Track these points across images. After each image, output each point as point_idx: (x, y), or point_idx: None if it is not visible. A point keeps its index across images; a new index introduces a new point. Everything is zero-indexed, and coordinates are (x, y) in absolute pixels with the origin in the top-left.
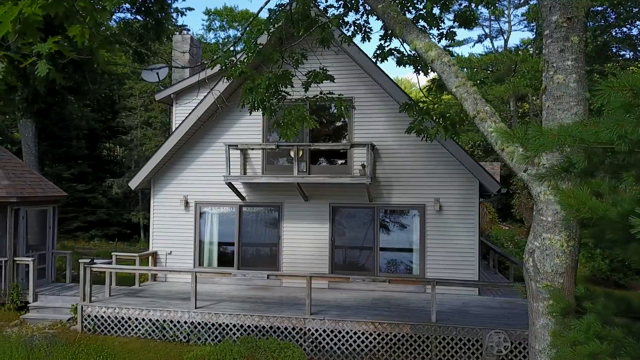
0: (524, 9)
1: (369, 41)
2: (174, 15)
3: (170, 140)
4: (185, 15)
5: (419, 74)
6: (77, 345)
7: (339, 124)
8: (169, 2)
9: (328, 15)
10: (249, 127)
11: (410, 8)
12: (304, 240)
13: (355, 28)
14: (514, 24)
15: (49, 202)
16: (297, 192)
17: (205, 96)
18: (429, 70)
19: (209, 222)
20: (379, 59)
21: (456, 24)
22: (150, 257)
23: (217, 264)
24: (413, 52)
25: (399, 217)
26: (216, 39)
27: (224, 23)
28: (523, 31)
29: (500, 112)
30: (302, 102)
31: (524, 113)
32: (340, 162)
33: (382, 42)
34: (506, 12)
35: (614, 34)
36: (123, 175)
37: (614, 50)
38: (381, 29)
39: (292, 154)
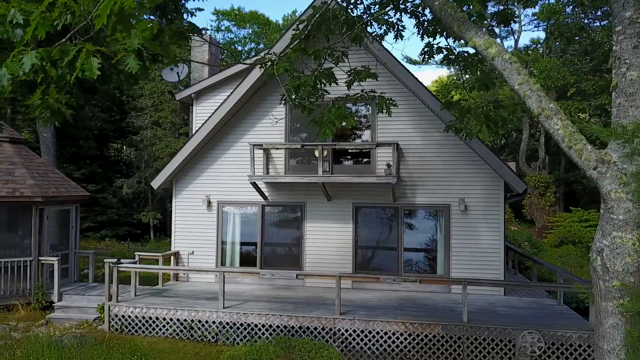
0: (533, 9)
1: (402, 39)
2: (184, 15)
3: (193, 139)
4: (195, 15)
5: (467, 72)
6: (107, 345)
7: (362, 123)
8: (182, 2)
9: (358, 13)
10: (271, 127)
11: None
12: (327, 240)
13: (388, 26)
14: (524, 24)
15: (72, 202)
16: (320, 191)
17: (230, 93)
18: (478, 70)
19: (231, 222)
20: (426, 57)
21: (494, 22)
22: (172, 257)
23: (239, 264)
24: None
25: (423, 216)
26: (224, 39)
27: (232, 24)
28: (533, 31)
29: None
30: (341, 101)
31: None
32: (363, 161)
33: (431, 40)
34: (517, 12)
35: None
36: (133, 175)
37: None
38: (414, 26)
39: (316, 153)
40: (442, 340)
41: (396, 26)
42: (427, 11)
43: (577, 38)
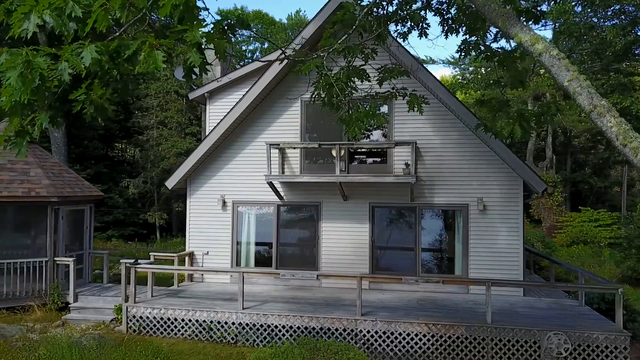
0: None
1: (426, 37)
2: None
3: (208, 138)
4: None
5: (503, 69)
6: (126, 346)
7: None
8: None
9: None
10: (286, 126)
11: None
12: (343, 240)
13: (413, 24)
14: (530, 23)
15: (86, 202)
16: (336, 191)
17: (246, 92)
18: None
19: (246, 222)
20: (463, 54)
21: (523, 18)
22: (187, 258)
23: (253, 264)
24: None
25: (441, 216)
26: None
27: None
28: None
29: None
30: (369, 99)
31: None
32: (379, 161)
33: (467, 37)
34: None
35: None
36: (138, 175)
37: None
38: (439, 24)
39: (334, 153)
40: (465, 341)
41: (420, 24)
42: (452, 9)
43: (586, 37)
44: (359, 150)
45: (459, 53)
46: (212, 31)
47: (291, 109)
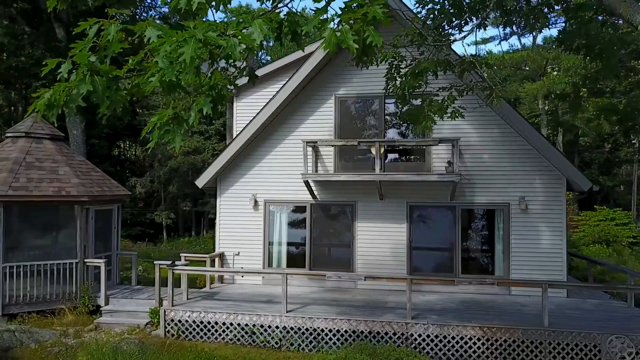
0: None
1: (485, 30)
2: None
3: (240, 136)
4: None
5: (597, 61)
6: (168, 351)
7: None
8: None
9: None
10: (319, 124)
11: None
12: (380, 240)
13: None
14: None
15: (114, 201)
16: (372, 190)
17: (280, 89)
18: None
19: (278, 222)
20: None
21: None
22: (217, 259)
23: (285, 265)
24: None
25: (481, 216)
26: None
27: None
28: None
29: (531, 110)
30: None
31: (551, 111)
32: (417, 159)
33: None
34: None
35: None
36: (145, 174)
37: None
38: (500, 16)
39: (373, 150)
40: (522, 345)
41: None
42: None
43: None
44: (398, 148)
45: (558, 45)
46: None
47: (324, 105)
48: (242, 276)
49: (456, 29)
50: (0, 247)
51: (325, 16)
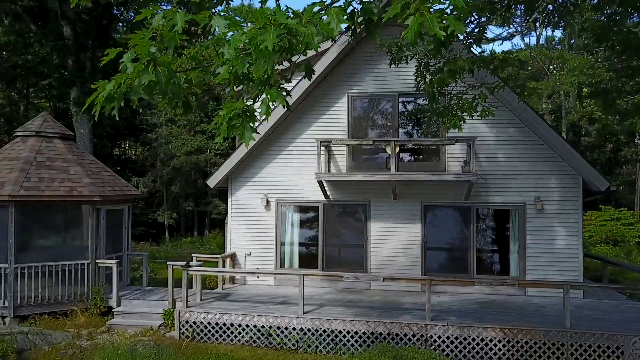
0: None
1: (508, 27)
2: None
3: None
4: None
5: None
6: (184, 353)
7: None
8: None
9: None
10: (331, 123)
11: None
12: (393, 241)
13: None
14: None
15: (125, 201)
16: (385, 190)
17: (294, 87)
18: None
19: (290, 222)
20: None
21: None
22: (228, 259)
23: (297, 266)
24: None
25: (496, 216)
26: None
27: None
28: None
29: (536, 109)
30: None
31: (553, 110)
32: (431, 158)
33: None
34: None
35: None
36: (145, 174)
37: None
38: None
39: (388, 150)
40: (543, 347)
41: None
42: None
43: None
44: (413, 147)
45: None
46: None
47: (337, 104)
48: (258, 277)
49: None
50: (11, 247)
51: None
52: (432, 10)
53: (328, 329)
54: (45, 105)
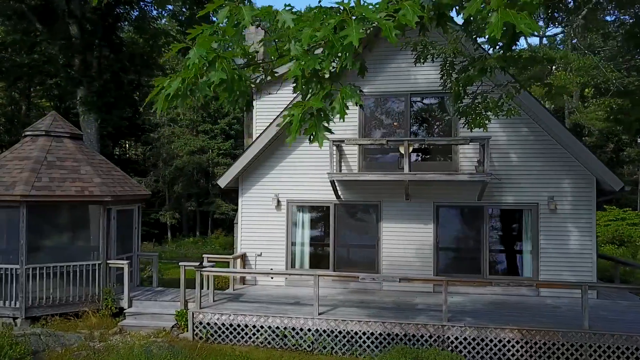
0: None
1: (554, 25)
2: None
3: (264, 135)
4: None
5: None
6: (200, 355)
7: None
8: None
9: None
10: (343, 123)
11: None
12: (406, 241)
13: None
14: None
15: (135, 201)
16: (397, 190)
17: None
18: None
19: (300, 222)
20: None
21: None
22: (239, 260)
23: (308, 266)
24: None
25: (509, 216)
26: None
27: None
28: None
29: None
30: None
31: (555, 110)
32: (443, 158)
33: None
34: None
35: None
36: (147, 174)
37: None
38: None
39: (401, 150)
40: (562, 348)
41: None
42: None
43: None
44: (426, 147)
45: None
46: None
47: (349, 103)
48: (272, 277)
49: None
50: (23, 248)
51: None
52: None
53: (344, 330)
54: (46, 105)
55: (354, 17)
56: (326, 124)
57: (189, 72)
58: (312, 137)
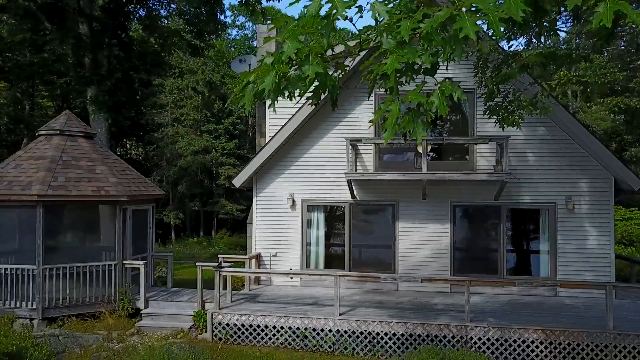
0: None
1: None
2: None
3: (279, 135)
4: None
5: None
6: (221, 356)
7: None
8: None
9: None
10: (358, 121)
11: None
12: (422, 241)
13: None
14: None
15: (150, 201)
16: (412, 190)
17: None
18: None
19: (315, 222)
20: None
21: None
22: (254, 260)
23: (323, 266)
24: None
25: (526, 216)
26: (239, 34)
27: (245, 19)
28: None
29: None
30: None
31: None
32: (459, 157)
33: None
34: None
35: None
36: (150, 173)
37: None
38: None
39: (419, 149)
40: (587, 348)
41: None
42: None
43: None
44: (444, 146)
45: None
46: None
47: (364, 102)
48: (291, 277)
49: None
50: (40, 248)
51: None
52: None
53: (365, 330)
54: (48, 105)
55: (464, 9)
56: (426, 120)
57: (283, 66)
58: (409, 133)
